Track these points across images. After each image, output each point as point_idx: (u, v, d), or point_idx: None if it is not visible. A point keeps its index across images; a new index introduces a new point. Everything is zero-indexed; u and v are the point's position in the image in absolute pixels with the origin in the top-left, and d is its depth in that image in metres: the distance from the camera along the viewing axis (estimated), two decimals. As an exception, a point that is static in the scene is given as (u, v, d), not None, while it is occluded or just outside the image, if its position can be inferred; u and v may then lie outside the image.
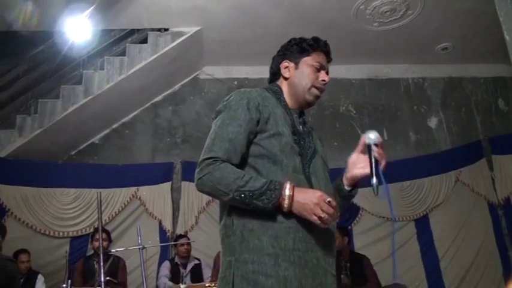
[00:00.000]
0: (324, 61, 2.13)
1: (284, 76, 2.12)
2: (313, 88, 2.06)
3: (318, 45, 2.13)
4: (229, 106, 1.93)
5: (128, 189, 6.87)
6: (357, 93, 7.96)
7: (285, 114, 1.99)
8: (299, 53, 2.11)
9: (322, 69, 2.10)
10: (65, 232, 6.53)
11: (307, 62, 2.09)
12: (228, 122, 1.89)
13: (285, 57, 2.14)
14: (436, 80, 8.15)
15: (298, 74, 2.09)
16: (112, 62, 6.78)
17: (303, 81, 2.06)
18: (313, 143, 2.04)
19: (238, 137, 1.84)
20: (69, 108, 6.59)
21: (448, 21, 6.81)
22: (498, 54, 5.23)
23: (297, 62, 2.10)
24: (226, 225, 1.84)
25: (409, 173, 7.18)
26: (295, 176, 1.85)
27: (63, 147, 7.13)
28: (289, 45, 2.17)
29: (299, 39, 2.16)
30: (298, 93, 2.07)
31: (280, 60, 2.15)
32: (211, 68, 7.81)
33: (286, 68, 2.12)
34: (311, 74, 2.07)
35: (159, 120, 7.61)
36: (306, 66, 2.08)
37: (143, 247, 4.80)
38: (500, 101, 8.10)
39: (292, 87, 2.08)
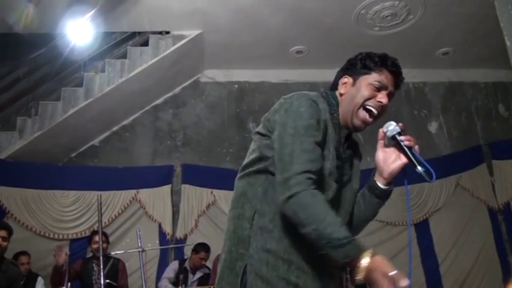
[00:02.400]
0: (389, 82, 1.88)
1: (340, 92, 1.92)
2: (362, 109, 1.84)
3: (383, 63, 1.89)
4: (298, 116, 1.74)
5: (127, 191, 6.88)
6: (357, 98, 7.95)
7: (333, 132, 1.83)
8: (361, 69, 1.89)
9: (382, 90, 1.86)
10: (65, 234, 6.53)
11: (367, 79, 1.86)
12: (302, 131, 1.70)
13: (346, 71, 1.94)
14: (437, 84, 8.15)
15: (353, 90, 1.87)
16: (113, 64, 6.78)
17: (354, 99, 1.84)
18: (350, 172, 1.92)
19: (316, 148, 1.70)
20: (69, 110, 6.59)
21: (449, 26, 6.81)
22: (499, 59, 5.23)
23: (356, 79, 1.89)
24: (244, 217, 1.76)
25: (409, 177, 7.14)
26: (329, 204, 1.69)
27: (64, 149, 7.13)
28: (354, 60, 1.95)
29: (366, 54, 1.93)
30: (347, 111, 1.86)
31: (341, 74, 1.97)
32: (212, 71, 7.81)
33: (344, 83, 1.92)
34: (366, 91, 1.84)
35: (160, 123, 7.61)
36: (363, 83, 1.86)
37: (143, 250, 4.80)
38: (500, 106, 8.10)
39: (344, 104, 1.88)
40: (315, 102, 1.79)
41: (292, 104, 1.78)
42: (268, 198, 1.74)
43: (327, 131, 1.79)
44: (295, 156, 1.66)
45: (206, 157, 7.43)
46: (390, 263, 1.55)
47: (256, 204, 1.76)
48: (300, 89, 7.87)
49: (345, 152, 1.91)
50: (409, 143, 1.84)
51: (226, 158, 7.47)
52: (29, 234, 6.39)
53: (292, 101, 1.79)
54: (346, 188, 1.88)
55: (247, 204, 1.78)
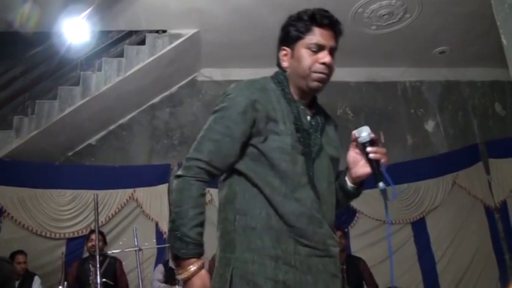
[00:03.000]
0: (326, 38, 1.82)
1: (283, 66, 1.88)
2: (312, 73, 1.80)
3: (313, 21, 1.82)
4: (223, 104, 1.80)
5: (124, 190, 6.86)
6: (354, 96, 7.97)
7: (288, 108, 1.81)
8: (295, 35, 1.84)
9: (322, 50, 1.81)
10: (62, 233, 6.51)
11: (303, 44, 1.81)
12: (218, 120, 1.79)
13: (282, 43, 1.90)
14: (434, 83, 8.16)
15: (294, 62, 1.83)
16: (110, 63, 6.77)
17: (299, 70, 1.81)
18: (320, 139, 1.86)
19: (225, 140, 1.73)
20: (66, 109, 6.58)
21: (446, 25, 6.82)
22: (495, 58, 5.23)
23: (293, 48, 1.84)
24: (228, 219, 1.77)
25: (406, 176, 7.18)
26: (296, 179, 1.72)
27: (60, 148, 7.12)
28: (286, 26, 1.90)
29: (295, 16, 1.87)
30: (298, 83, 1.83)
31: (279, 47, 1.92)
32: (209, 70, 7.81)
33: (284, 56, 1.88)
34: (307, 58, 1.79)
35: (157, 122, 7.61)
36: (301, 51, 1.81)
37: (140, 249, 4.80)
38: (497, 105, 8.12)
39: (292, 77, 1.85)
40: (251, 88, 1.80)
41: (226, 94, 1.83)
42: (247, 196, 1.74)
43: (277, 108, 1.77)
44: (200, 142, 1.78)
45: (203, 156, 7.42)
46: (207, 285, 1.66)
47: (236, 204, 1.76)
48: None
49: (312, 120, 1.88)
50: (376, 155, 1.76)
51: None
52: (25, 233, 6.37)
53: (228, 91, 1.83)
54: (320, 158, 1.82)
55: (229, 206, 1.79)
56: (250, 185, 1.74)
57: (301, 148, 1.76)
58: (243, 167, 1.76)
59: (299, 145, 1.76)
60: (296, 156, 1.74)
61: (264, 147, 1.73)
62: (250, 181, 1.74)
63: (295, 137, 1.76)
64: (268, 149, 1.72)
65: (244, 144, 1.76)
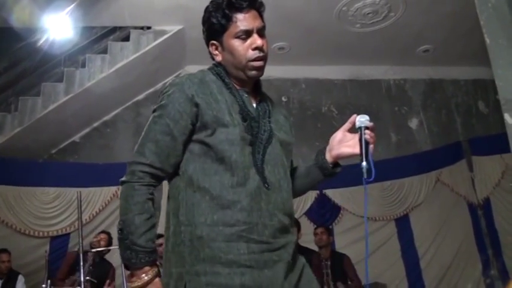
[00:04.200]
0: (250, 21, 1.75)
1: (217, 61, 1.81)
2: (248, 63, 1.74)
3: (231, 9, 1.74)
4: (161, 102, 1.74)
5: (108, 188, 6.82)
6: (338, 94, 8.00)
7: (232, 98, 1.75)
8: (218, 28, 1.76)
9: (250, 35, 1.74)
10: (45, 232, 6.47)
11: (229, 35, 1.74)
12: (156, 120, 1.72)
13: (209, 37, 1.83)
14: (417, 81, 8.22)
15: (227, 55, 1.76)
16: (93, 59, 6.72)
17: (235, 62, 1.75)
18: (270, 125, 1.79)
19: (165, 139, 1.68)
20: (49, 106, 6.52)
21: (430, 24, 6.87)
22: (478, 57, 5.29)
23: (220, 41, 1.77)
24: (175, 233, 1.66)
25: (389, 173, 7.23)
26: (245, 171, 1.64)
27: (44, 145, 7.06)
28: (206, 21, 1.82)
29: (212, 7, 1.79)
30: (237, 74, 1.78)
31: (207, 42, 1.84)
32: (194, 67, 7.75)
33: (215, 50, 1.81)
34: (238, 49, 1.73)
35: (141, 119, 7.56)
36: (229, 42, 1.74)
37: (124, 247, 4.77)
38: (480, 103, 8.20)
39: (229, 69, 1.78)
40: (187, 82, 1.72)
41: (162, 92, 1.77)
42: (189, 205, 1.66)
43: (219, 99, 1.71)
44: (141, 145, 1.73)
45: (188, 153, 7.40)
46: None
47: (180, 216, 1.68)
48: (282, 85, 7.94)
49: (258, 107, 1.82)
50: (370, 139, 1.77)
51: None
52: (8, 231, 6.31)
53: (162, 90, 1.78)
54: (271, 145, 1.74)
55: (174, 219, 1.72)
56: (193, 190, 1.65)
57: (250, 138, 1.70)
58: (187, 168, 1.69)
59: (247, 135, 1.69)
60: (245, 147, 1.68)
61: (212, 140, 1.66)
62: (193, 185, 1.66)
63: (242, 126, 1.69)
64: (217, 142, 1.65)
65: (187, 142, 1.70)
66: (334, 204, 7.23)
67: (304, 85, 7.88)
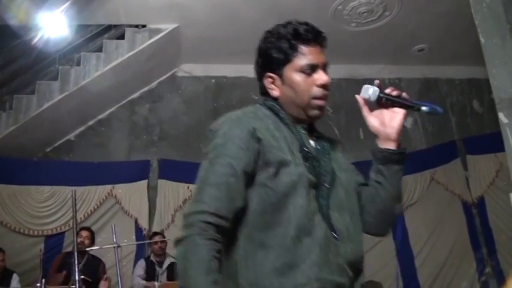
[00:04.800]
0: (316, 55, 1.59)
1: (273, 95, 1.60)
2: (312, 101, 1.57)
3: (298, 39, 1.57)
4: (216, 141, 1.51)
5: (103, 187, 6.82)
6: (334, 93, 7.97)
7: (290, 134, 1.54)
8: (280, 58, 1.57)
9: (315, 70, 1.58)
10: (40, 230, 6.46)
11: (293, 68, 1.56)
12: (214, 161, 1.46)
13: (265, 68, 1.61)
14: (412, 80, 8.24)
15: (287, 89, 1.57)
16: (88, 58, 6.70)
17: (296, 99, 1.56)
18: (331, 165, 1.58)
19: (229, 181, 1.41)
20: (44, 104, 6.50)
21: (425, 23, 6.88)
22: (473, 56, 5.30)
23: (280, 74, 1.58)
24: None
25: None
26: (310, 218, 1.42)
27: (39, 144, 7.04)
28: (265, 49, 1.61)
29: (275, 36, 1.59)
30: (296, 112, 1.59)
31: (261, 74, 1.63)
32: (189, 66, 7.78)
33: (271, 84, 1.60)
34: (302, 84, 1.55)
35: (136, 118, 7.56)
36: (293, 76, 1.56)
37: (118, 246, 4.77)
38: (474, 102, 8.23)
39: (287, 106, 1.59)
40: (245, 118, 1.52)
41: (216, 131, 1.55)
42: (251, 265, 1.41)
43: (277, 136, 1.50)
44: (199, 192, 1.42)
45: (183, 152, 7.40)
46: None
47: (240, 279, 1.42)
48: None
49: (317, 145, 1.62)
50: (397, 92, 1.65)
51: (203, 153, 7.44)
52: (3, 230, 6.31)
53: (218, 127, 1.56)
54: (335, 188, 1.54)
55: (230, 283, 1.44)
56: (253, 246, 1.41)
57: (314, 180, 1.48)
58: (245, 218, 1.44)
59: (311, 176, 1.48)
60: (310, 190, 1.46)
61: (275, 183, 1.43)
62: (254, 240, 1.41)
63: (305, 167, 1.48)
64: (281, 185, 1.43)
65: (248, 184, 1.45)
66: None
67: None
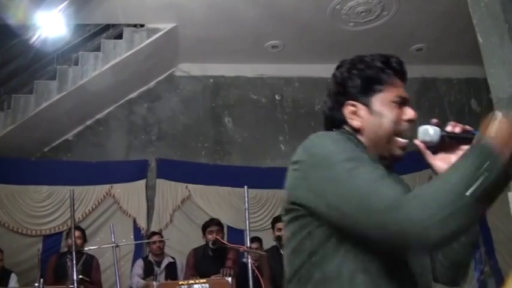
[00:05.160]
0: (403, 89, 1.48)
1: (353, 125, 1.40)
2: (398, 140, 1.42)
3: (391, 70, 1.48)
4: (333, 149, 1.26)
5: (101, 186, 6.82)
6: (332, 93, 7.99)
7: None
8: (368, 87, 1.41)
9: (405, 103, 1.45)
10: (38, 230, 6.46)
11: (382, 98, 1.40)
12: (353, 170, 1.19)
13: (347, 95, 1.42)
14: (410, 80, 8.01)
15: (373, 121, 1.38)
16: (86, 57, 6.70)
17: (382, 131, 1.38)
18: None
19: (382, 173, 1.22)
20: (42, 103, 6.49)
21: (423, 23, 6.88)
22: (471, 55, 5.32)
23: (367, 103, 1.39)
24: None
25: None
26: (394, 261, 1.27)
27: (36, 143, 7.03)
28: (349, 76, 1.44)
29: (363, 64, 1.45)
30: (378, 145, 1.41)
31: (340, 100, 1.44)
32: (187, 65, 7.77)
33: (353, 113, 1.41)
34: (392, 115, 1.39)
35: (134, 117, 7.55)
36: (383, 106, 1.39)
37: (117, 245, 4.77)
38: (473, 101, 8.23)
39: (369, 139, 1.40)
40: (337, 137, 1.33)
41: (314, 153, 1.32)
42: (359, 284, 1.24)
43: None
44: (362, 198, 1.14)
45: (181, 152, 7.40)
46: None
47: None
48: (276, 83, 7.93)
49: None
50: (460, 127, 1.46)
51: (201, 152, 7.45)
52: (1, 230, 6.32)
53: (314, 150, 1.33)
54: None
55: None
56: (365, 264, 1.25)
57: None
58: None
59: None
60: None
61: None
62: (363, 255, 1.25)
63: None
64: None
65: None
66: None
67: (298, 83, 7.88)
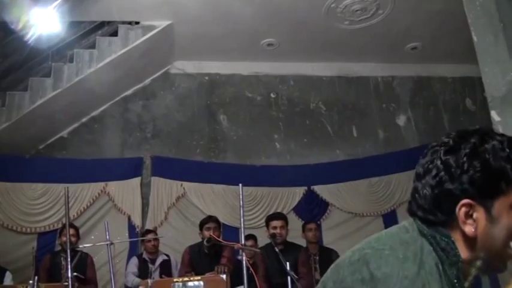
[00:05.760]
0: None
1: (466, 230, 1.07)
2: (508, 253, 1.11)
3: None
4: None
5: (96, 184, 6.82)
6: (327, 91, 8.02)
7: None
8: (493, 187, 1.06)
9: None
10: (33, 228, 6.45)
11: (506, 201, 1.07)
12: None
13: (464, 191, 1.06)
14: (405, 78, 8.26)
15: (494, 230, 1.07)
16: (81, 54, 6.68)
17: (499, 242, 1.08)
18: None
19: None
20: (37, 101, 6.48)
21: (418, 22, 6.90)
22: (466, 54, 5.33)
23: (489, 206, 1.07)
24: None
25: (377, 170, 7.30)
26: None
27: (31, 141, 7.01)
28: (473, 168, 1.07)
29: (491, 155, 1.07)
30: (486, 259, 1.10)
31: (454, 193, 1.07)
32: (182, 63, 7.77)
33: (468, 218, 1.07)
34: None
35: (129, 115, 7.54)
36: (503, 211, 1.07)
37: (111, 243, 4.76)
38: (467, 100, 8.26)
39: (479, 248, 1.09)
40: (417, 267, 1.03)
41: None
42: None
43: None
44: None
45: (176, 149, 7.40)
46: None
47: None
48: (271, 81, 7.96)
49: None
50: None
51: (196, 150, 7.45)
52: (-4, 227, 6.30)
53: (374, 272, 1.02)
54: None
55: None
56: None
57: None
58: None
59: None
60: None
61: None
62: None
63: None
64: None
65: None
66: (322, 200, 7.27)
67: (293, 81, 7.88)
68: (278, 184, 7.23)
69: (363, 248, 1.11)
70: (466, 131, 1.16)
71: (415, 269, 1.01)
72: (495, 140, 1.10)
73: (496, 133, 1.14)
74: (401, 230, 1.14)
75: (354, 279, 1.03)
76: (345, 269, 1.07)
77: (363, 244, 1.14)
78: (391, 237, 1.11)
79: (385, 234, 1.14)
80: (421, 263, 1.03)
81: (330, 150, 7.58)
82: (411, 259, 1.03)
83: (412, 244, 1.07)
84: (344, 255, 1.15)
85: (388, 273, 1.00)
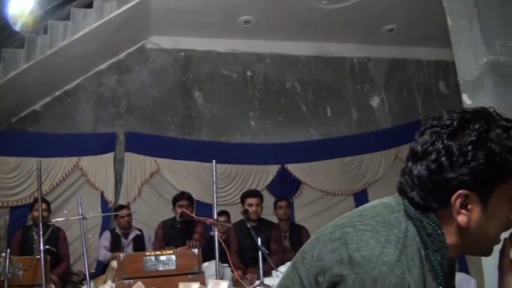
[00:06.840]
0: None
1: (458, 220, 1.06)
2: (493, 245, 1.14)
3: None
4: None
5: (69, 158, 6.78)
6: (303, 70, 8.04)
7: (433, 284, 1.06)
8: (493, 179, 1.05)
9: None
10: (5, 202, 6.40)
11: (503, 193, 1.06)
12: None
13: (463, 182, 1.04)
14: (380, 60, 8.33)
15: (487, 221, 1.08)
16: (56, 26, 6.56)
17: (490, 232, 1.10)
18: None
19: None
20: (10, 73, 6.35)
21: (395, 4, 6.92)
22: (441, 38, 5.38)
23: (486, 198, 1.06)
24: None
25: (350, 149, 7.42)
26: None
27: (4, 114, 6.89)
28: (476, 159, 1.03)
29: (496, 145, 1.04)
30: (472, 248, 1.14)
31: (452, 183, 1.05)
32: (158, 38, 7.69)
33: (463, 208, 1.06)
34: (506, 218, 1.10)
35: (103, 89, 7.47)
36: (501, 203, 1.07)
37: (84, 217, 4.75)
38: (441, 83, 8.38)
39: (469, 239, 1.10)
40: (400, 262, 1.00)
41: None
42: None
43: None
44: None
45: (150, 125, 7.37)
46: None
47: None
48: (247, 59, 7.94)
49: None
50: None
51: (170, 126, 7.43)
52: (-34, 200, 6.24)
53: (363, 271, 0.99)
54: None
55: None
56: None
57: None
58: None
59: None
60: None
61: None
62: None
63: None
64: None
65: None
66: (294, 179, 7.35)
67: (269, 60, 7.89)
68: (252, 162, 7.28)
69: (344, 225, 1.09)
70: (469, 112, 1.12)
71: (396, 254, 1.00)
72: (499, 128, 1.07)
73: (501, 117, 1.10)
74: (387, 209, 1.12)
75: (332, 259, 1.02)
76: (325, 246, 1.06)
77: (345, 220, 1.12)
78: (375, 216, 1.10)
79: (370, 212, 1.12)
80: (403, 247, 1.02)
81: (304, 130, 7.64)
82: (393, 243, 1.02)
83: (396, 227, 1.06)
84: (326, 227, 1.14)
85: (367, 257, 0.99)
